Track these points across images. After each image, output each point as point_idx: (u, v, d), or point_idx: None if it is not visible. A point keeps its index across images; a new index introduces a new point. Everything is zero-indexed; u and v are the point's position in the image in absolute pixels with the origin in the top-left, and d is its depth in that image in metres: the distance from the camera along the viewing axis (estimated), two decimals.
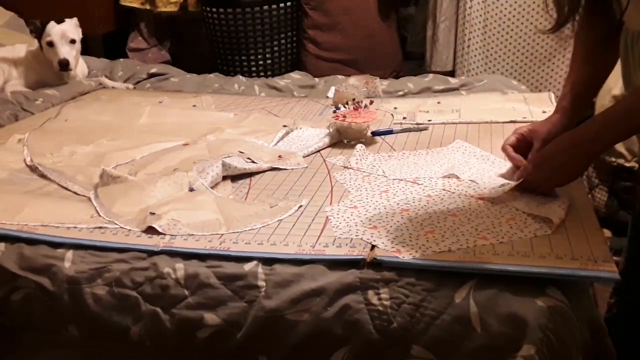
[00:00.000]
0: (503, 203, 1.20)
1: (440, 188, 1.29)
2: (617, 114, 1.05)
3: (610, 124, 1.06)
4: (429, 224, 1.14)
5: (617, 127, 1.05)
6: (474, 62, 2.81)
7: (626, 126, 1.05)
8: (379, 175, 1.38)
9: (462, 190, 1.26)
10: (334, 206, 1.25)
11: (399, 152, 1.53)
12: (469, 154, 1.46)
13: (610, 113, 1.06)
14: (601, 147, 1.12)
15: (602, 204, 2.25)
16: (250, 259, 1.08)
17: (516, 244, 1.05)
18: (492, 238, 1.07)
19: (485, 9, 2.71)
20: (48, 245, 1.17)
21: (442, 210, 1.19)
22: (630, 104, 1.04)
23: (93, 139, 1.71)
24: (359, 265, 1.04)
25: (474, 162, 1.41)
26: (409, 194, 1.28)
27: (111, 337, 1.11)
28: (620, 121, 1.05)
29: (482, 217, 1.15)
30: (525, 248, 1.04)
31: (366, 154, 1.50)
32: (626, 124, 1.04)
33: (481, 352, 0.94)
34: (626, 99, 1.06)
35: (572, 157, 1.11)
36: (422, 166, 1.41)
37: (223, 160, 1.42)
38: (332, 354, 1.01)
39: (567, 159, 1.11)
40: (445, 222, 1.14)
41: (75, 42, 2.25)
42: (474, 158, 1.43)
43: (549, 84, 2.67)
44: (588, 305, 1.01)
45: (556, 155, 1.13)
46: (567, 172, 1.14)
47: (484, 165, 1.39)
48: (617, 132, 1.07)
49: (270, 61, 3.11)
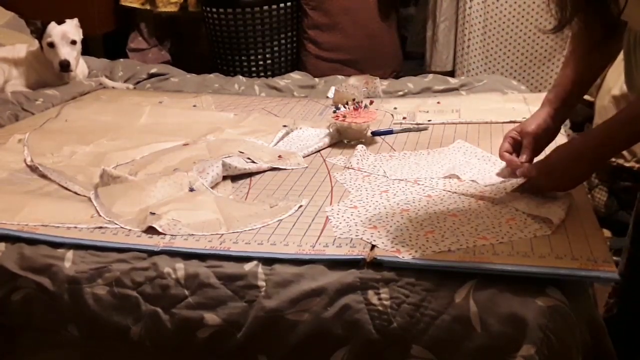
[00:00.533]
0: (503, 203, 1.20)
1: (442, 188, 1.29)
2: (620, 122, 1.05)
3: (614, 131, 1.06)
4: (429, 224, 1.14)
5: (620, 135, 1.05)
6: (474, 62, 2.81)
7: (629, 134, 1.05)
8: (379, 175, 1.38)
9: (463, 190, 1.27)
10: (334, 206, 1.25)
11: (399, 152, 1.53)
12: (470, 154, 1.46)
13: (613, 121, 1.06)
14: (604, 155, 1.12)
15: (601, 204, 2.25)
16: (250, 259, 1.08)
17: (516, 244, 1.05)
18: (492, 238, 1.07)
19: (485, 9, 2.71)
20: (48, 245, 1.18)
21: (442, 211, 1.19)
22: (632, 111, 1.04)
23: (93, 139, 1.71)
24: (359, 265, 1.04)
25: (475, 162, 1.41)
26: (409, 194, 1.28)
27: (111, 337, 1.11)
28: (623, 128, 1.04)
29: (482, 217, 1.15)
30: (525, 248, 1.04)
31: (367, 154, 1.50)
32: (629, 132, 1.04)
33: (481, 352, 0.94)
34: (630, 106, 1.06)
35: (575, 164, 1.11)
36: (423, 166, 1.41)
37: (223, 160, 1.43)
38: (332, 354, 1.01)
39: (570, 165, 1.11)
40: (445, 222, 1.14)
41: (76, 43, 2.25)
42: (475, 158, 1.43)
43: (548, 84, 2.67)
44: (588, 305, 1.01)
45: (559, 162, 1.13)
46: (570, 179, 1.13)
47: (485, 165, 1.39)
48: (620, 139, 1.06)
49: (270, 61, 3.11)
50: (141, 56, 3.26)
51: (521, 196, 1.20)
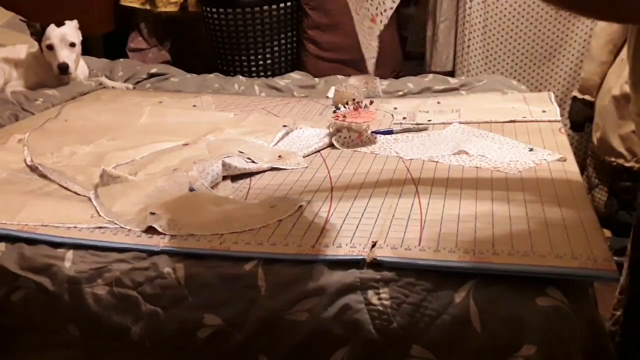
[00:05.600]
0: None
1: (456, 163, 1.39)
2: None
3: None
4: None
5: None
6: (474, 62, 2.81)
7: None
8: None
9: (476, 164, 1.37)
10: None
11: (402, 135, 1.62)
12: (468, 133, 1.57)
13: None
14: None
15: (601, 204, 2.25)
16: (250, 259, 1.08)
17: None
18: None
19: (485, 9, 2.70)
20: (48, 245, 1.18)
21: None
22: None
23: (93, 139, 1.71)
24: (359, 265, 1.04)
25: (475, 140, 1.53)
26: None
27: (111, 337, 1.11)
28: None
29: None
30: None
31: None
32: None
33: (481, 352, 0.94)
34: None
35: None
36: (429, 147, 1.49)
37: (223, 160, 1.42)
38: (332, 354, 1.01)
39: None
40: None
41: (75, 45, 2.25)
42: (474, 137, 1.55)
43: (549, 84, 2.67)
44: (588, 306, 1.01)
45: None
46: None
47: (485, 142, 1.51)
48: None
49: (270, 61, 3.11)
50: (141, 56, 3.26)
51: None
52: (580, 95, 2.32)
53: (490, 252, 1.03)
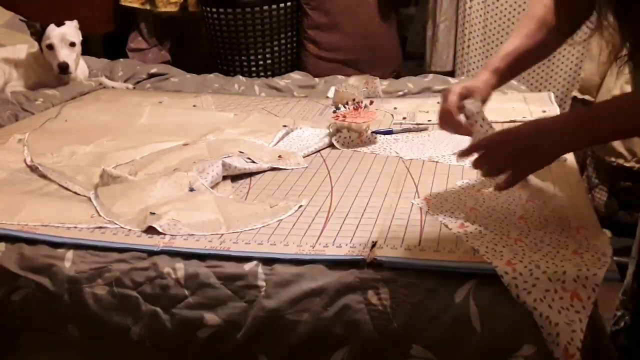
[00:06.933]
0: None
1: (456, 163, 1.37)
2: (604, 110, 0.98)
3: (592, 119, 0.97)
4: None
5: (600, 124, 0.95)
6: (474, 62, 2.81)
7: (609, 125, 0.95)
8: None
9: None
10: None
11: (402, 135, 1.61)
12: None
13: (594, 109, 0.98)
14: (576, 142, 1.03)
15: (602, 204, 2.25)
16: (250, 259, 1.08)
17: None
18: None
19: (485, 9, 2.70)
20: (48, 245, 1.17)
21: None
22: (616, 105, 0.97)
23: (93, 139, 1.71)
24: (359, 265, 1.04)
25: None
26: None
27: (111, 337, 1.10)
28: (603, 119, 0.95)
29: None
30: None
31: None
32: (609, 123, 0.94)
33: (481, 352, 0.94)
34: (616, 99, 1.01)
35: (544, 139, 0.98)
36: (429, 147, 1.46)
37: (223, 160, 1.42)
38: (332, 354, 1.01)
39: (533, 143, 0.98)
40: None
41: (75, 45, 2.25)
42: None
43: (548, 84, 2.67)
44: None
45: (518, 140, 1.00)
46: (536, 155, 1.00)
47: None
48: (599, 128, 0.96)
49: (270, 61, 3.11)
50: (141, 56, 3.26)
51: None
52: (580, 95, 2.32)
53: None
